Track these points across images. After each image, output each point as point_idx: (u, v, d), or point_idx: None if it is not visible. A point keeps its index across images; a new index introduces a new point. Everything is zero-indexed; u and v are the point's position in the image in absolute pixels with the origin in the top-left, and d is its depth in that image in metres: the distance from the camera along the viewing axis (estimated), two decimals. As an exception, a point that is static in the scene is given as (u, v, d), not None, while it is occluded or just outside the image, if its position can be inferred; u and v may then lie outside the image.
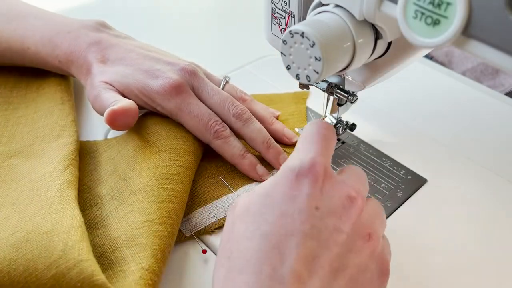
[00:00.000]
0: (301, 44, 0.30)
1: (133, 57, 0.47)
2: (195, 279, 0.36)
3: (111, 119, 0.41)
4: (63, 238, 0.32)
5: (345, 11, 0.31)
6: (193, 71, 0.45)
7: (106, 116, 0.41)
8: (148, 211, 0.36)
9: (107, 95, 0.44)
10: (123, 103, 0.42)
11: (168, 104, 0.43)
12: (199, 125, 0.43)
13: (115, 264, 0.34)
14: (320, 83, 0.43)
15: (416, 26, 0.26)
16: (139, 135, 0.44)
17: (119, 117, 0.41)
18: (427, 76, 0.59)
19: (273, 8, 0.38)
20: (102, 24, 0.51)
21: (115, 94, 0.44)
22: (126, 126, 0.42)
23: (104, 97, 0.43)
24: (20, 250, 0.31)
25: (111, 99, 0.43)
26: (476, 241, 0.39)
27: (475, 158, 0.47)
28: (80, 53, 0.48)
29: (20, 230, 0.33)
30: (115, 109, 0.41)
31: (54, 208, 0.35)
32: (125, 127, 0.43)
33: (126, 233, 0.35)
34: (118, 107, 0.41)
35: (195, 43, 0.66)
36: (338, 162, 0.46)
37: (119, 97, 0.44)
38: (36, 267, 0.30)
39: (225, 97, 0.45)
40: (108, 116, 0.41)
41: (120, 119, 0.41)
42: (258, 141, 0.44)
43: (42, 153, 0.42)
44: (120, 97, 0.43)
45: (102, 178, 0.42)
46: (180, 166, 0.40)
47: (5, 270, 0.30)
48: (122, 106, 0.41)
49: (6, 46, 0.50)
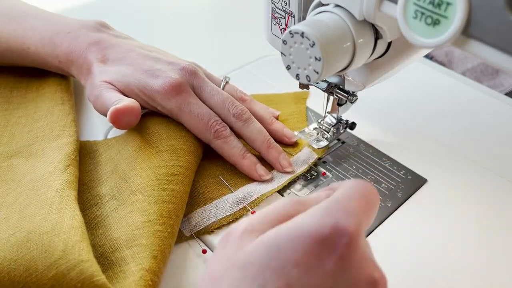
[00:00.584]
0: (301, 44, 0.30)
1: (134, 56, 0.47)
2: (195, 280, 0.36)
3: (114, 118, 0.41)
4: (64, 238, 0.32)
5: (345, 11, 0.31)
6: (194, 71, 0.45)
7: (110, 114, 0.41)
8: (148, 211, 0.36)
9: (109, 95, 0.44)
10: (126, 102, 0.42)
11: (168, 103, 0.43)
12: (199, 125, 0.43)
13: (115, 264, 0.34)
14: (320, 83, 0.43)
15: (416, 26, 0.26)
16: (139, 135, 0.44)
17: (123, 115, 0.41)
18: (427, 76, 0.59)
19: (273, 8, 0.38)
20: (102, 24, 0.51)
21: (116, 94, 0.44)
22: (129, 124, 0.43)
23: (106, 97, 0.44)
24: (20, 250, 0.31)
25: (113, 98, 0.43)
26: (476, 241, 0.39)
27: (475, 158, 0.47)
28: (80, 53, 0.48)
29: (20, 230, 0.33)
30: (118, 108, 0.41)
31: (54, 208, 0.35)
32: (128, 125, 0.43)
33: (126, 233, 0.35)
34: (122, 106, 0.41)
35: (195, 43, 0.66)
36: (338, 162, 0.46)
37: (121, 96, 0.44)
38: (36, 267, 0.30)
39: (225, 97, 0.45)
40: (112, 114, 0.41)
41: (123, 118, 0.42)
42: (258, 141, 0.44)
43: (42, 153, 0.42)
44: (122, 96, 0.44)
45: (102, 178, 0.42)
46: (180, 166, 0.40)
47: (5, 270, 0.30)
48: (125, 105, 0.42)
49: (6, 46, 0.50)
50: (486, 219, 0.41)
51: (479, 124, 0.51)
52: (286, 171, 0.43)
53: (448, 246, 0.39)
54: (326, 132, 0.46)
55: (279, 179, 0.43)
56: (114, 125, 0.42)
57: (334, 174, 0.45)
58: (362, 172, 0.45)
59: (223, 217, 0.39)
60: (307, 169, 0.44)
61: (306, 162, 0.45)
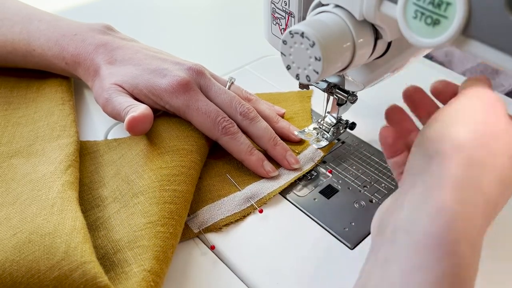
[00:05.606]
0: (301, 44, 0.30)
1: (141, 57, 0.47)
2: (199, 280, 0.36)
3: (131, 126, 0.41)
4: (66, 240, 0.32)
5: (345, 11, 0.31)
6: (200, 71, 0.46)
7: (127, 123, 0.41)
8: (150, 213, 0.36)
9: (119, 99, 0.44)
10: (141, 109, 0.42)
11: (176, 101, 0.44)
12: (207, 122, 0.43)
13: (117, 265, 0.34)
14: (320, 83, 0.43)
15: (416, 26, 0.26)
16: (142, 138, 0.44)
17: (139, 123, 0.41)
18: (427, 76, 0.59)
19: (273, 8, 0.38)
20: (107, 27, 0.51)
21: (127, 98, 0.44)
22: (144, 131, 0.43)
23: (116, 101, 0.44)
24: (22, 251, 0.31)
25: (124, 103, 0.43)
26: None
27: (475, 158, 0.47)
28: (87, 55, 0.48)
29: (21, 231, 0.33)
30: (135, 117, 0.41)
31: (55, 209, 0.34)
32: (143, 132, 0.43)
33: (128, 235, 0.35)
34: (139, 114, 0.41)
35: (195, 44, 0.66)
36: (338, 162, 0.46)
37: (132, 101, 0.44)
38: (38, 268, 0.30)
39: (232, 96, 0.45)
40: (129, 123, 0.41)
41: (140, 126, 0.42)
42: (265, 139, 0.44)
43: (42, 153, 0.42)
44: (133, 101, 0.44)
45: (104, 180, 0.42)
46: (182, 166, 0.40)
47: (7, 271, 0.30)
48: (141, 113, 0.42)
49: (11, 49, 0.50)
50: (486, 219, 0.41)
51: (479, 124, 0.51)
52: (293, 168, 0.44)
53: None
54: (326, 132, 0.46)
55: (286, 176, 0.43)
56: (130, 132, 0.42)
57: (334, 174, 0.45)
58: (362, 172, 0.45)
59: (231, 215, 0.40)
60: (314, 167, 0.45)
61: (312, 160, 0.45)
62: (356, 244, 0.38)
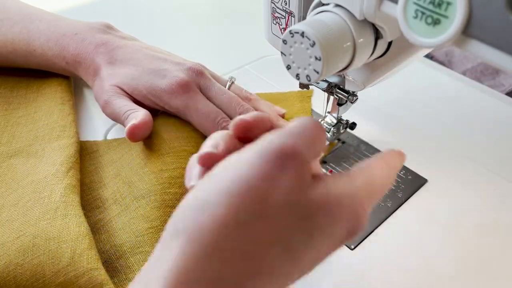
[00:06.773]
0: (301, 44, 0.30)
1: (141, 57, 0.47)
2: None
3: (132, 134, 0.41)
4: (71, 245, 0.31)
5: (345, 10, 0.31)
6: (200, 71, 0.46)
7: (128, 131, 0.41)
8: (151, 217, 0.36)
9: (118, 102, 0.44)
10: (141, 116, 0.42)
11: (175, 101, 0.44)
12: (207, 122, 0.43)
13: (120, 272, 0.34)
14: (320, 83, 0.43)
15: (416, 26, 0.26)
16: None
17: (140, 130, 0.42)
18: (427, 76, 0.59)
19: (273, 8, 0.38)
20: (107, 26, 0.51)
21: (126, 102, 0.44)
22: (144, 137, 0.43)
23: (115, 104, 0.44)
24: (26, 255, 0.31)
25: (124, 107, 0.44)
26: (476, 242, 0.39)
27: (475, 158, 0.47)
28: (87, 54, 0.48)
29: (25, 234, 0.32)
30: (136, 124, 0.41)
31: (59, 213, 0.34)
32: (143, 138, 0.43)
33: (130, 240, 0.35)
34: (139, 122, 0.42)
35: (195, 43, 0.66)
36: (338, 162, 0.46)
37: (132, 104, 0.44)
38: (43, 273, 0.30)
39: (232, 97, 0.45)
40: (130, 131, 0.41)
41: (140, 133, 0.42)
42: None
43: (42, 153, 0.42)
44: (132, 105, 0.44)
45: (104, 181, 0.41)
46: (183, 168, 0.40)
47: (11, 274, 0.30)
48: (142, 120, 0.42)
49: (11, 49, 0.50)
50: (486, 219, 0.41)
51: (479, 124, 0.51)
52: None
53: (448, 246, 0.39)
54: (327, 132, 0.46)
55: None
56: (131, 140, 0.42)
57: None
58: (362, 172, 0.45)
59: None
60: None
61: None
62: (356, 244, 0.38)
